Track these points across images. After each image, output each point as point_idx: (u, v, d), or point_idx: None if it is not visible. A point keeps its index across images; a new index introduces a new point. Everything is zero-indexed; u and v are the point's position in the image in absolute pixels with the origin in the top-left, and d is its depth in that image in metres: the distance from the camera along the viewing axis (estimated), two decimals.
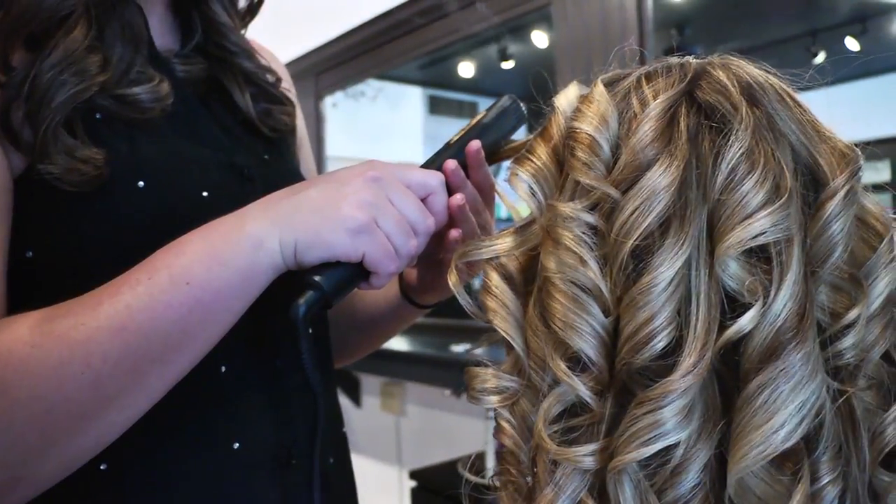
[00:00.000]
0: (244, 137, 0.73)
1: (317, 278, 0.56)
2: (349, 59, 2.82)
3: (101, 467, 0.59)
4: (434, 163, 0.65)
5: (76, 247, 0.60)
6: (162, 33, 0.71)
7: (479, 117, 0.67)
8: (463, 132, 0.66)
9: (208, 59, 0.73)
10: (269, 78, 0.77)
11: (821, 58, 2.72)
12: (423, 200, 0.61)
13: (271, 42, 0.90)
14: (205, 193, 0.65)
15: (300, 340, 0.56)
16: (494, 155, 0.67)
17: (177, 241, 0.55)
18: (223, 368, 0.64)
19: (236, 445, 0.64)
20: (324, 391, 0.74)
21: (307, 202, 0.56)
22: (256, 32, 0.88)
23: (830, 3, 2.83)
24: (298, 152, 0.85)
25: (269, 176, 0.71)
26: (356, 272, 0.57)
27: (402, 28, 2.54)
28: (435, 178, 0.61)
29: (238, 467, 0.65)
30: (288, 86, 0.84)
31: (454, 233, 0.65)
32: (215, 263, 0.54)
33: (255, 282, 0.56)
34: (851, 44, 2.75)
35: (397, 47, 2.60)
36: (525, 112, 0.68)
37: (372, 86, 3.36)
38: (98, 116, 0.61)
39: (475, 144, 0.64)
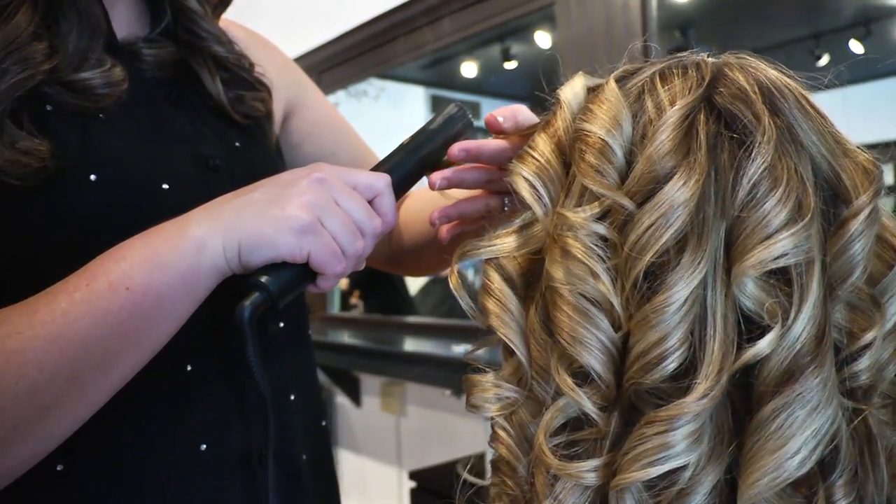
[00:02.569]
0: (214, 125, 0.72)
1: (262, 279, 0.55)
2: (351, 57, 2.81)
3: (58, 468, 0.58)
4: (383, 166, 0.65)
5: (26, 245, 0.58)
6: (129, 21, 0.70)
7: (426, 124, 0.68)
8: (411, 137, 0.67)
9: (178, 45, 0.72)
10: (243, 63, 0.76)
11: (825, 60, 2.70)
12: (371, 202, 0.60)
13: (274, 40, 0.89)
14: (165, 185, 0.63)
15: (246, 343, 0.55)
16: (441, 161, 0.67)
17: (117, 247, 0.54)
18: (189, 367, 0.63)
19: (203, 447, 0.63)
20: (300, 385, 0.74)
21: (251, 204, 0.55)
22: (259, 30, 0.87)
23: (834, 6, 2.81)
24: (315, 139, 0.85)
25: (238, 165, 0.70)
26: (303, 273, 0.57)
27: (405, 27, 2.53)
28: (381, 180, 0.61)
29: (205, 469, 0.63)
30: (279, 69, 0.83)
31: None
32: (156, 268, 0.53)
33: (197, 286, 0.54)
34: (855, 47, 2.73)
35: (400, 46, 2.59)
36: (471, 120, 0.69)
37: (374, 85, 3.34)
38: (49, 108, 0.60)
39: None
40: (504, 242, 0.47)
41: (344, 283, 3.77)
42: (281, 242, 0.54)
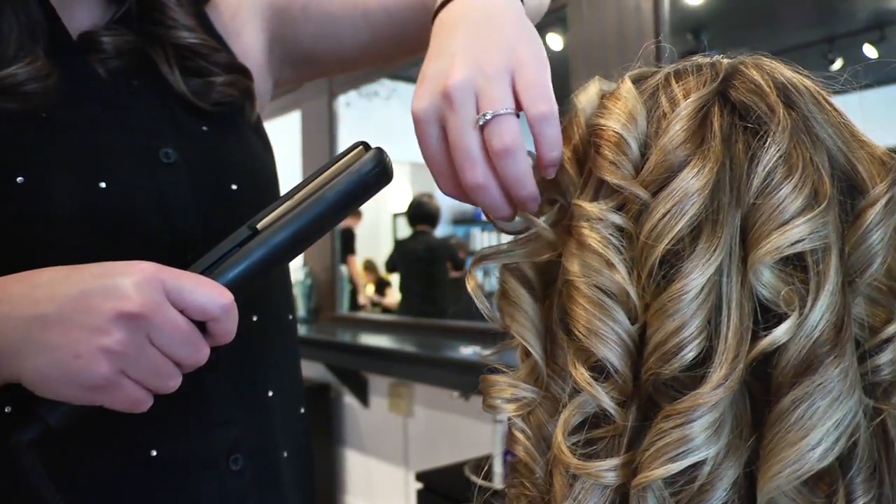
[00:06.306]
0: (178, 114, 0.69)
1: (42, 410, 0.50)
2: None
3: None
4: (263, 230, 0.54)
5: None
6: (93, 14, 0.69)
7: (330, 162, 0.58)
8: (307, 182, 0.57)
9: (141, 34, 0.70)
10: (213, 51, 0.72)
11: (838, 64, 2.69)
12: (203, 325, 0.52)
13: None
14: (102, 184, 0.61)
15: (27, 470, 0.50)
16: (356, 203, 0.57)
17: None
18: None
19: (154, 452, 0.63)
20: (279, 378, 0.74)
21: (42, 334, 0.48)
22: None
23: (848, 10, 2.80)
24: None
25: (203, 152, 0.68)
26: (95, 408, 0.51)
27: None
28: (218, 302, 0.50)
29: (158, 474, 0.63)
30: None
31: None
32: None
33: None
34: (870, 51, 2.72)
35: None
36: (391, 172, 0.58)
37: (385, 86, 3.36)
38: None
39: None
40: (520, 248, 0.47)
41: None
42: (68, 397, 0.49)
